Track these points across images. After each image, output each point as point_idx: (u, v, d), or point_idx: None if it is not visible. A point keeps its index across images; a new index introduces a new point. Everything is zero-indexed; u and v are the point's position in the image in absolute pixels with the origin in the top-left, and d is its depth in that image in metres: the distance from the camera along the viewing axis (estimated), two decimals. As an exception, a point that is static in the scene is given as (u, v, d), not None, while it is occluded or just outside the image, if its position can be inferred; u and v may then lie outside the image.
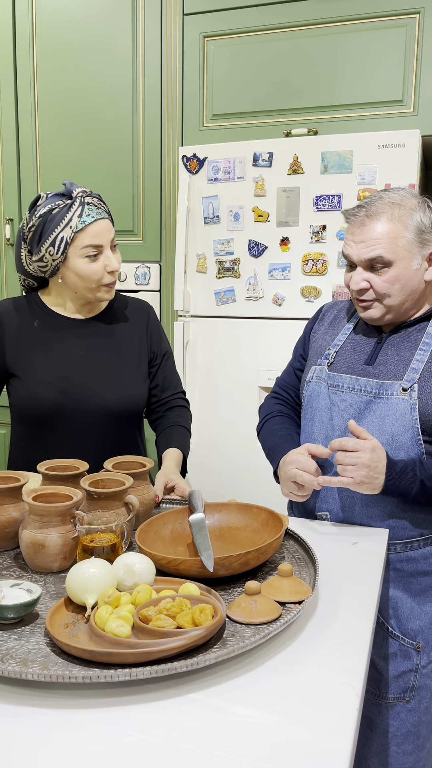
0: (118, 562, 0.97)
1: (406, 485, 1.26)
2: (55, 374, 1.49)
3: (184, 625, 0.84)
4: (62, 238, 1.42)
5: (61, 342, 1.52)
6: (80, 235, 1.43)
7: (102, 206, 1.47)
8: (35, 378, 1.49)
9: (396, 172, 2.12)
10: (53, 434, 1.49)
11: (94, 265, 1.46)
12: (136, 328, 1.61)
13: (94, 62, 2.62)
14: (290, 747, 0.69)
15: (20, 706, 0.75)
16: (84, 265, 1.45)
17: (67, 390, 1.48)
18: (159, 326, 1.67)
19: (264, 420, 1.58)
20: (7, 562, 1.12)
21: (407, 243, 1.30)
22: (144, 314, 1.64)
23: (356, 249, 1.33)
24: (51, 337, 1.53)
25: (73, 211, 1.42)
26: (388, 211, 1.31)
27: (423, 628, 1.36)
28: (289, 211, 2.28)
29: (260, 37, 2.39)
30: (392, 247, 1.30)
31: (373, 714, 1.40)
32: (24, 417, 1.52)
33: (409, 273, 1.32)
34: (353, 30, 2.27)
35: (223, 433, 2.47)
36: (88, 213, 1.43)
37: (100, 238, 1.45)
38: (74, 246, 1.44)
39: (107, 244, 1.46)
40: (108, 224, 1.47)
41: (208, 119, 2.50)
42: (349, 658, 0.86)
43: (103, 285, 1.49)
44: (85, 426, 1.49)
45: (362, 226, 1.32)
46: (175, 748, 0.69)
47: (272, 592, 0.97)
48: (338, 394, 1.39)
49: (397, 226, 1.30)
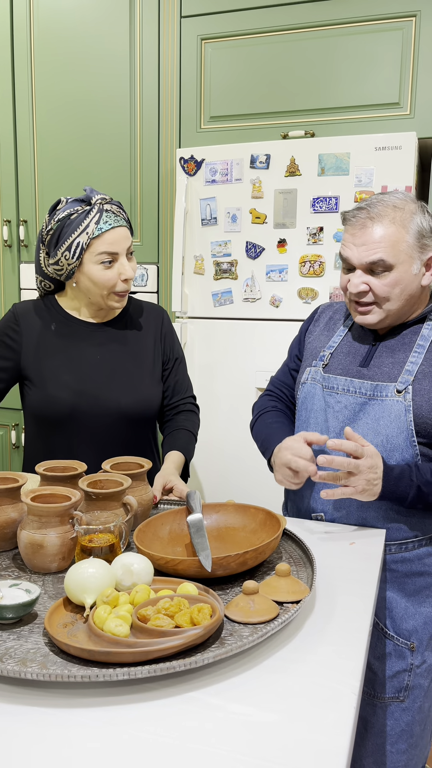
0: (116, 562, 0.98)
1: (402, 491, 1.26)
2: (71, 377, 1.50)
3: (183, 625, 0.85)
4: (78, 243, 1.44)
5: (78, 346, 1.54)
6: (96, 241, 1.44)
7: (121, 214, 1.48)
8: (52, 380, 1.50)
9: (393, 174, 2.13)
10: (68, 437, 1.51)
11: (108, 272, 1.47)
12: (150, 332, 1.63)
13: (91, 65, 2.63)
14: (288, 745, 0.70)
15: (19, 705, 0.76)
16: (98, 271, 1.46)
17: (84, 393, 1.49)
18: (172, 330, 1.69)
19: (257, 415, 1.58)
20: (5, 563, 1.12)
21: (408, 247, 1.30)
22: (158, 318, 1.66)
23: (357, 251, 1.32)
24: (67, 340, 1.55)
25: (90, 217, 1.44)
26: (390, 214, 1.30)
27: (417, 628, 1.37)
28: (287, 213, 2.29)
29: (257, 39, 2.39)
30: (394, 250, 1.29)
31: (368, 714, 1.41)
32: (39, 419, 1.53)
33: (409, 277, 1.32)
34: (350, 33, 2.28)
35: (221, 434, 2.47)
36: (105, 220, 1.45)
37: (116, 245, 1.46)
38: (90, 252, 1.45)
39: (123, 252, 1.48)
40: (125, 232, 1.48)
41: (205, 121, 2.51)
42: (346, 657, 0.86)
43: (115, 293, 1.51)
44: (100, 429, 1.51)
45: (363, 228, 1.31)
46: (174, 747, 0.69)
47: (270, 591, 0.97)
48: (333, 395, 1.40)
49: (399, 230, 1.29)
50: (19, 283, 2.85)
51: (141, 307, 1.67)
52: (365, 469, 1.24)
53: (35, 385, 1.52)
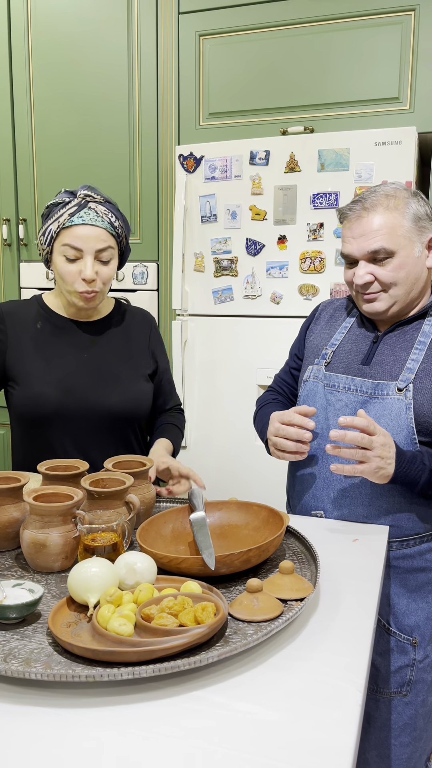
0: (119, 561, 0.98)
1: (414, 474, 1.25)
2: (57, 375, 1.49)
3: (187, 623, 0.84)
4: (50, 230, 1.44)
5: (64, 344, 1.52)
6: (64, 232, 1.43)
7: (106, 216, 1.44)
8: (38, 379, 1.48)
9: (393, 169, 2.13)
10: (55, 437, 1.49)
11: (69, 266, 1.45)
12: (139, 335, 1.62)
13: (89, 62, 2.62)
14: (294, 743, 0.70)
15: (23, 705, 0.76)
16: (61, 263, 1.45)
17: (70, 391, 1.47)
18: (161, 340, 1.68)
19: (259, 407, 1.59)
20: (8, 563, 1.12)
21: (406, 231, 1.31)
22: (147, 325, 1.65)
23: (356, 244, 1.33)
24: (54, 338, 1.53)
25: (67, 208, 1.43)
26: (384, 202, 1.31)
27: (419, 624, 1.37)
28: (287, 209, 2.28)
29: (256, 35, 2.38)
30: (392, 236, 1.30)
31: (370, 708, 1.41)
32: (26, 419, 1.51)
33: (412, 260, 1.32)
34: (349, 27, 2.27)
35: (222, 431, 2.47)
36: (81, 215, 1.42)
37: (82, 242, 1.42)
38: (58, 241, 1.45)
39: (90, 251, 1.43)
40: (98, 232, 1.43)
41: (204, 118, 2.50)
42: (350, 655, 0.86)
43: (79, 292, 1.47)
44: (87, 428, 1.49)
45: (360, 219, 1.32)
46: (179, 746, 0.69)
47: (274, 589, 0.97)
48: (334, 393, 1.39)
49: (395, 215, 1.30)
50: (19, 282, 2.85)
51: (130, 312, 1.65)
52: (379, 446, 1.21)
53: (20, 384, 1.49)
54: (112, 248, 1.47)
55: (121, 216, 1.49)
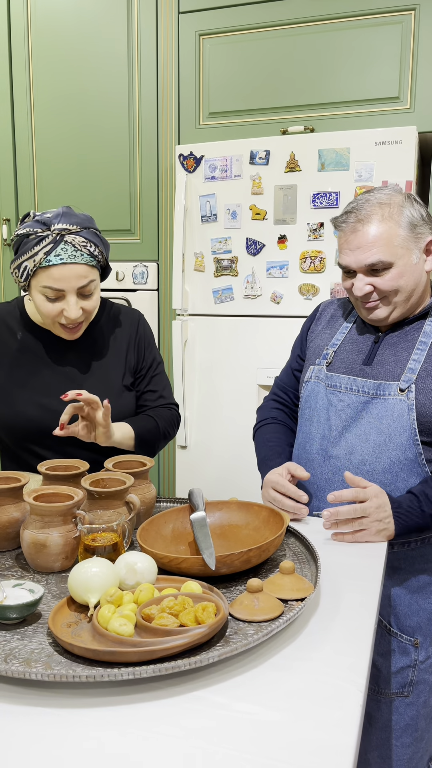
0: (119, 561, 0.98)
1: (416, 522, 1.24)
2: (37, 392, 1.45)
3: (187, 624, 0.84)
4: (26, 267, 1.35)
5: (44, 357, 1.48)
6: (41, 272, 1.34)
7: (84, 248, 1.34)
8: (18, 396, 1.44)
9: (393, 168, 2.13)
10: (40, 450, 1.46)
11: (50, 305, 1.37)
12: (123, 339, 1.55)
13: (89, 61, 2.62)
14: (295, 743, 0.69)
15: (24, 705, 0.75)
16: (41, 301, 1.37)
17: (51, 409, 1.43)
18: (148, 335, 1.60)
19: (259, 425, 1.59)
20: (8, 563, 1.12)
21: (403, 240, 1.30)
22: (132, 325, 1.57)
23: (353, 256, 1.31)
24: (34, 351, 1.48)
25: (42, 246, 1.32)
26: (378, 211, 1.30)
27: (421, 625, 1.37)
28: (287, 209, 2.28)
29: (256, 34, 2.38)
30: (389, 248, 1.29)
31: (372, 709, 1.41)
32: (7, 434, 1.48)
33: (411, 268, 1.32)
34: (349, 27, 2.27)
35: (223, 432, 2.47)
36: (58, 253, 1.32)
37: (63, 282, 1.33)
38: (35, 279, 1.36)
39: (71, 290, 1.35)
40: (80, 270, 1.34)
41: (204, 117, 2.50)
42: (351, 655, 0.86)
43: (62, 325, 1.41)
44: (70, 442, 1.45)
45: (355, 232, 1.31)
46: (180, 746, 0.69)
47: (274, 589, 0.97)
48: (336, 394, 1.39)
49: (390, 226, 1.29)
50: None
51: (115, 312, 1.58)
52: (373, 511, 1.21)
53: (1, 398, 1.46)
54: (94, 280, 1.39)
55: (99, 240, 1.39)
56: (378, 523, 1.21)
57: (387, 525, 1.22)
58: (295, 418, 1.59)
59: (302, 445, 1.45)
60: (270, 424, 1.56)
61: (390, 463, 1.31)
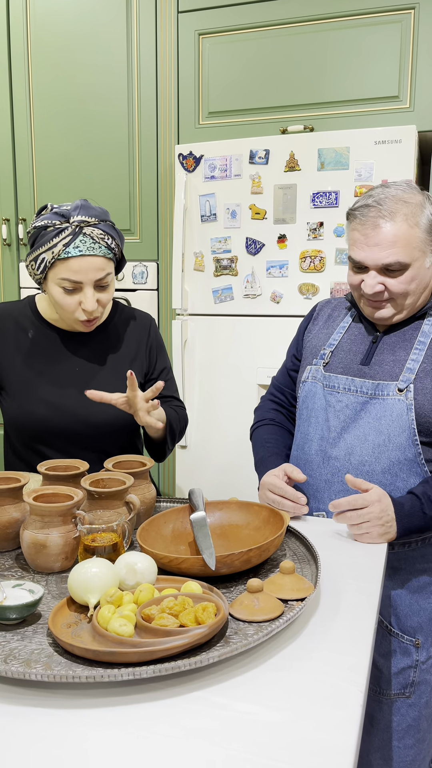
0: (119, 562, 0.97)
1: (418, 524, 1.24)
2: (47, 391, 1.45)
3: (187, 624, 0.84)
4: (44, 259, 1.35)
5: (55, 356, 1.48)
6: (60, 264, 1.35)
7: (102, 241, 1.36)
8: (28, 394, 1.45)
9: (393, 168, 2.12)
10: (46, 449, 1.47)
11: (68, 298, 1.38)
12: (134, 342, 1.56)
13: (88, 61, 2.62)
14: (295, 744, 0.69)
15: (24, 706, 0.75)
16: (59, 294, 1.38)
17: (60, 408, 1.43)
18: (159, 341, 1.61)
19: (257, 425, 1.58)
20: (8, 563, 1.12)
21: (420, 242, 1.28)
22: (144, 328, 1.58)
23: (371, 253, 1.28)
24: (45, 350, 1.48)
25: (61, 237, 1.33)
26: (401, 210, 1.27)
27: (422, 625, 1.37)
28: (286, 209, 2.28)
29: (255, 34, 2.38)
30: (408, 249, 1.27)
31: (374, 710, 1.40)
32: (15, 431, 1.48)
33: (423, 271, 1.31)
34: (349, 26, 2.26)
35: (223, 431, 2.47)
36: (77, 245, 1.33)
37: (81, 275, 1.35)
38: (53, 271, 1.36)
39: (89, 282, 1.36)
40: (97, 262, 1.36)
41: (204, 117, 2.50)
42: (352, 655, 0.86)
43: (80, 320, 1.42)
44: (78, 443, 1.46)
45: (376, 228, 1.27)
46: (180, 746, 0.69)
47: (274, 589, 0.97)
48: (334, 395, 1.39)
49: (411, 227, 1.27)
50: (19, 282, 2.85)
51: (128, 314, 1.58)
52: (375, 516, 1.21)
53: (11, 396, 1.46)
54: (110, 273, 1.40)
55: (115, 232, 1.41)
56: (380, 528, 1.21)
57: (389, 529, 1.22)
58: (292, 419, 1.58)
59: (301, 446, 1.45)
60: (267, 425, 1.55)
61: (389, 464, 1.31)
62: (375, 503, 1.21)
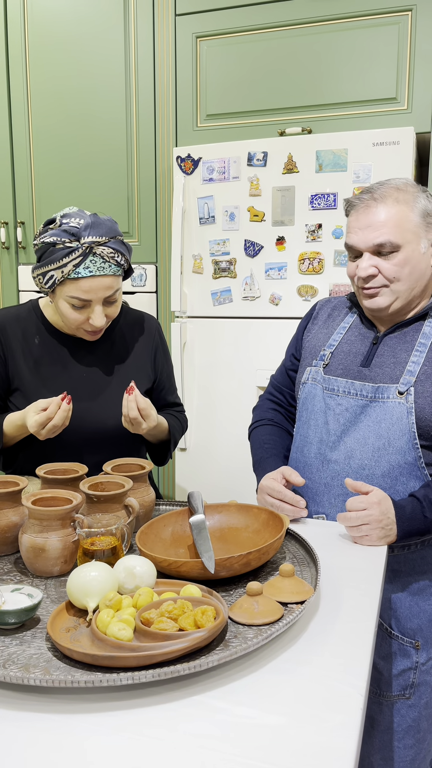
0: (118, 565, 0.97)
1: (418, 527, 1.24)
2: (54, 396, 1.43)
3: (186, 628, 0.84)
4: (52, 276, 1.35)
5: (62, 362, 1.48)
6: (70, 283, 1.35)
7: (111, 259, 1.36)
8: (34, 400, 1.42)
9: (391, 169, 2.12)
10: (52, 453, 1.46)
11: (76, 313, 1.39)
12: (141, 346, 1.57)
13: (86, 64, 2.62)
14: (295, 747, 0.69)
15: (22, 711, 0.75)
16: (67, 309, 1.39)
17: None
18: (164, 345, 1.63)
19: (255, 424, 1.58)
20: (7, 567, 1.11)
21: (414, 226, 1.29)
22: (151, 333, 1.59)
23: (362, 235, 1.30)
24: (51, 356, 1.48)
25: (71, 258, 1.33)
26: (393, 194, 1.30)
27: (422, 627, 1.36)
28: (285, 211, 2.28)
29: (253, 36, 2.38)
30: (400, 230, 1.28)
31: (374, 712, 1.40)
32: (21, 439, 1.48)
33: (417, 256, 1.31)
34: (346, 28, 2.27)
35: (222, 434, 2.47)
36: (87, 266, 1.33)
37: (91, 294, 1.36)
38: (62, 288, 1.37)
39: (98, 300, 1.37)
40: (107, 282, 1.36)
41: (202, 119, 2.50)
42: (352, 658, 0.86)
43: (86, 331, 1.43)
44: (85, 448, 1.46)
45: (367, 209, 1.30)
46: (179, 751, 0.68)
47: (274, 592, 0.97)
48: (333, 397, 1.38)
49: (403, 209, 1.29)
50: (18, 285, 2.85)
51: (134, 317, 1.59)
52: (376, 519, 1.21)
53: (19, 403, 1.46)
54: (119, 288, 1.41)
55: (125, 248, 1.40)
56: (380, 530, 1.21)
57: (389, 531, 1.22)
58: (291, 419, 1.58)
59: (300, 448, 1.45)
60: (266, 425, 1.55)
61: (389, 467, 1.30)
62: (375, 505, 1.21)
